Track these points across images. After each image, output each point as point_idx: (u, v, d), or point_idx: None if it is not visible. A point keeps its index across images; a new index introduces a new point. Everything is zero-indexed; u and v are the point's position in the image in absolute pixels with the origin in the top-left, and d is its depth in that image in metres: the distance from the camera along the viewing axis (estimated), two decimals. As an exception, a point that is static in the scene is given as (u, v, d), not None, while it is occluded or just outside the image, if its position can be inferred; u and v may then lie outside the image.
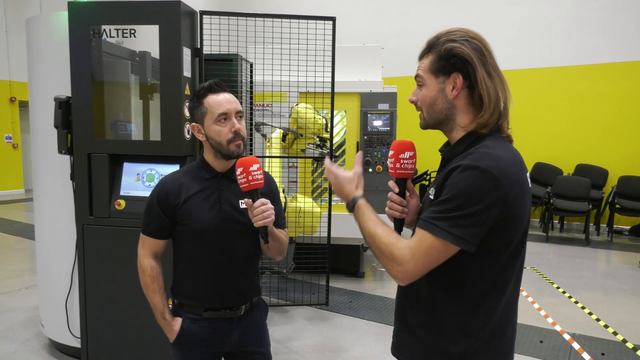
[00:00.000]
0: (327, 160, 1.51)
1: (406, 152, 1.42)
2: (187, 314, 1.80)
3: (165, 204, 1.75)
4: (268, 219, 1.65)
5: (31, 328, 3.93)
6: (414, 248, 1.22)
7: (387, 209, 1.47)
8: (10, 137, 11.72)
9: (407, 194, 1.49)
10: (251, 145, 4.32)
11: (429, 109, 1.35)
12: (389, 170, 1.46)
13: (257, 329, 1.91)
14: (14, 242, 7.06)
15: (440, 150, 1.41)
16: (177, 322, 1.79)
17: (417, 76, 1.37)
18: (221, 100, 1.73)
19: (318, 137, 4.08)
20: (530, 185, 1.34)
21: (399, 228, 1.46)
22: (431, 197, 1.30)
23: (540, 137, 8.36)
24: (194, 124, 1.80)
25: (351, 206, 1.40)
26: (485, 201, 1.16)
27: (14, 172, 11.87)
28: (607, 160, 8.16)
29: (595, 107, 8.22)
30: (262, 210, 1.64)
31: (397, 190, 1.44)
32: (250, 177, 1.61)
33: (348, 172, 1.45)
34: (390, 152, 1.44)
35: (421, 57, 1.37)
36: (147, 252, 1.80)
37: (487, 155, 1.20)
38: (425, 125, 1.40)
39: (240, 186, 1.64)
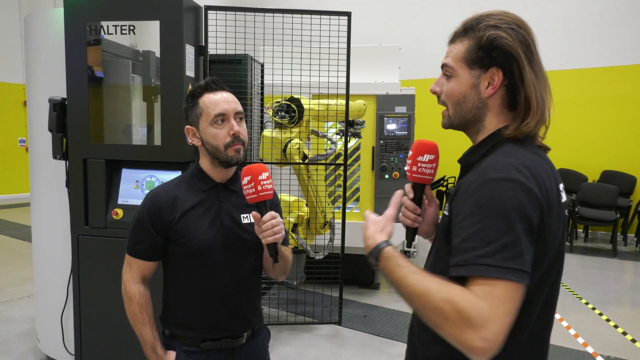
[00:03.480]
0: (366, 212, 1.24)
1: (425, 155, 1.20)
2: (181, 346, 1.57)
3: (157, 220, 1.53)
4: (278, 235, 1.44)
5: (28, 341, 3.74)
6: (487, 295, 0.89)
7: (400, 215, 1.26)
8: (24, 141, 11.70)
9: (425, 201, 1.28)
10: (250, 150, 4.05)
11: (456, 106, 1.13)
12: (408, 174, 1.24)
13: (259, 358, 1.69)
14: (21, 247, 6.93)
15: (460, 161, 1.21)
16: (171, 357, 1.55)
17: (444, 65, 1.14)
18: (218, 100, 1.51)
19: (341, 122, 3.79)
20: (563, 210, 1.10)
21: (410, 238, 1.27)
22: (446, 213, 1.08)
23: (564, 141, 7.99)
24: (188, 126, 1.58)
25: (375, 255, 1.08)
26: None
27: (27, 175, 11.82)
28: (635, 166, 7.78)
29: (621, 110, 7.85)
30: (272, 225, 1.42)
31: (412, 195, 1.24)
32: (259, 187, 1.40)
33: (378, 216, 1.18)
34: (409, 153, 1.24)
35: (453, 40, 1.13)
36: (135, 276, 1.58)
37: (511, 164, 0.99)
38: (449, 124, 1.18)
39: (247, 197, 1.43)
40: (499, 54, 1.06)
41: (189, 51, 2.75)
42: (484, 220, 0.93)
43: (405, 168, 1.27)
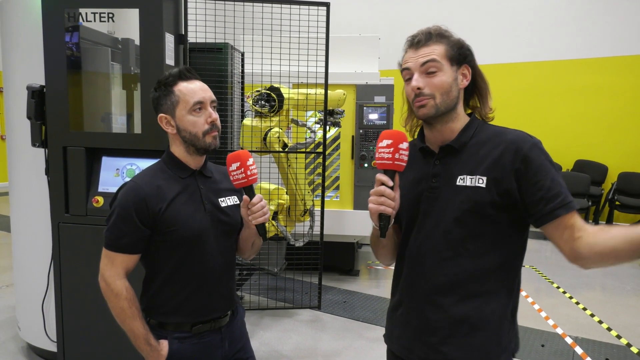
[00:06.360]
0: None
1: (404, 143, 1.29)
2: (172, 333, 1.59)
3: (144, 211, 1.53)
4: (267, 215, 1.54)
5: (8, 330, 3.73)
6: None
7: (375, 205, 1.30)
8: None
9: None
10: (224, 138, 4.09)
11: (444, 96, 1.33)
12: (382, 161, 1.30)
13: (242, 334, 1.78)
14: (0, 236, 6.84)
15: (422, 148, 1.42)
16: (164, 346, 1.57)
17: (431, 61, 1.32)
18: (195, 88, 1.57)
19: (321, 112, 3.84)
20: None
21: (385, 226, 1.31)
22: (482, 185, 1.30)
23: (538, 131, 8.06)
24: (161, 115, 1.61)
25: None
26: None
27: (1, 164, 11.59)
28: (607, 156, 8.01)
29: (595, 101, 8.06)
30: (262, 206, 1.53)
31: (391, 183, 1.30)
32: (248, 172, 1.50)
33: None
34: (387, 142, 1.29)
35: (425, 44, 1.34)
36: (119, 272, 1.55)
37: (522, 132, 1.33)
38: (434, 113, 1.34)
39: (235, 183, 1.51)
40: (466, 52, 1.35)
41: (169, 39, 2.76)
42: (551, 171, 1.27)
43: (384, 156, 1.28)
